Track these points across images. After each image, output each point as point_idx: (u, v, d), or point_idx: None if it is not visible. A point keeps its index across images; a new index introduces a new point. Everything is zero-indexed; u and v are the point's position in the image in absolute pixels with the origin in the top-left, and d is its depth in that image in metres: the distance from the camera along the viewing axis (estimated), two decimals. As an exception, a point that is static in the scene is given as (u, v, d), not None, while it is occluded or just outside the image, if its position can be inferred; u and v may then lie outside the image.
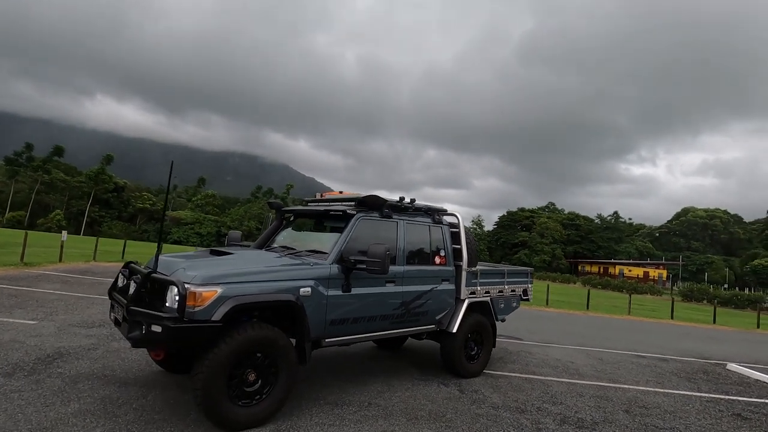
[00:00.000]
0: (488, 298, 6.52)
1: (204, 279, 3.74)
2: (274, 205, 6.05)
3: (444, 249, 6.00)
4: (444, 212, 6.23)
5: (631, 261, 70.27)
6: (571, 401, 5.59)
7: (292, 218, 6.12)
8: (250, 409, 3.88)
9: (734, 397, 6.56)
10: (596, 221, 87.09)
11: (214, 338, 3.68)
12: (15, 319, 6.85)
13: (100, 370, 4.96)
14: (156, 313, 3.62)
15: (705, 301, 32.76)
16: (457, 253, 6.17)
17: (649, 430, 4.83)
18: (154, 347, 3.94)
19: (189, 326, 3.56)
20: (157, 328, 3.56)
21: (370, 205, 5.17)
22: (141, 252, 25.53)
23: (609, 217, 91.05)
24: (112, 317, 4.32)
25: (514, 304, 7.22)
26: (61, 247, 15.61)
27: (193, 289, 3.62)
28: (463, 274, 6.08)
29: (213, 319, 3.66)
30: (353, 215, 4.97)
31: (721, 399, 6.40)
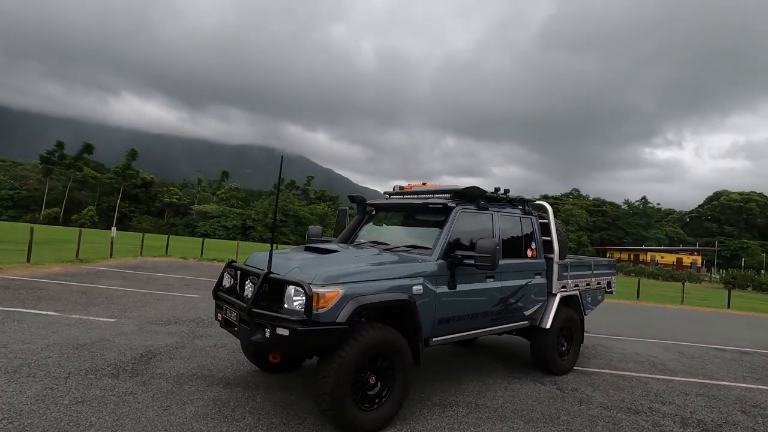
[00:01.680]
0: (577, 292, 6.22)
1: (326, 279, 3.57)
2: (357, 199, 5.84)
3: (535, 241, 5.71)
4: (532, 202, 5.92)
5: (662, 247, 68.26)
6: (680, 400, 5.28)
7: (374, 212, 5.91)
8: (372, 413, 3.72)
9: None
10: (623, 207, 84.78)
11: (339, 341, 3.51)
12: (94, 317, 6.89)
13: (197, 370, 4.89)
14: (283, 315, 3.47)
15: (750, 288, 31.51)
16: (547, 245, 5.87)
17: (780, 433, 4.50)
18: (279, 350, 3.80)
19: (317, 329, 3.39)
20: (283, 331, 3.41)
21: (469, 196, 4.91)
22: (184, 247, 25.96)
23: (637, 203, 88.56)
24: (219, 318, 4.20)
25: (600, 297, 6.90)
26: (111, 243, 15.90)
27: (316, 289, 3.45)
28: (555, 267, 5.79)
29: (338, 320, 3.49)
30: (453, 208, 4.73)
31: (835, 397, 5.97)
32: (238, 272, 4.21)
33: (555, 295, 5.79)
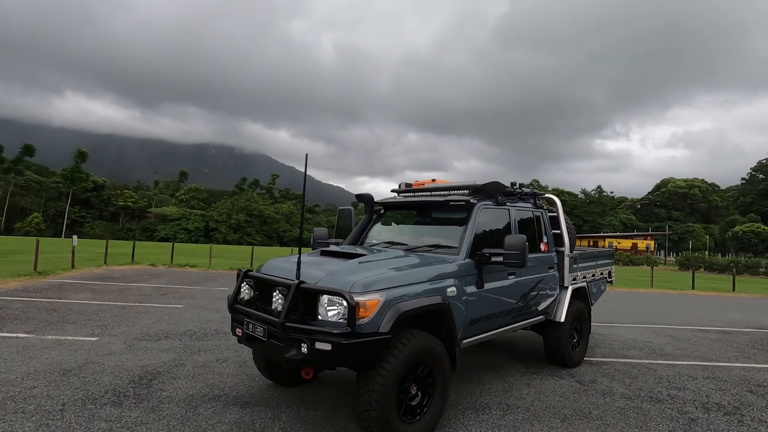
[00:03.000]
0: (585, 284, 6.26)
1: (364, 286, 3.31)
2: (365, 198, 5.57)
3: (546, 235, 5.66)
4: (542, 195, 5.87)
5: (618, 234, 71.83)
6: (692, 385, 5.40)
7: (382, 211, 5.67)
8: (415, 425, 3.51)
9: (830, 368, 6.51)
10: (580, 196, 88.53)
11: (382, 352, 3.27)
12: (73, 336, 6.25)
13: (207, 389, 4.49)
14: (324, 329, 3.18)
15: (702, 269, 33.68)
16: (557, 239, 5.85)
17: (792, 411, 4.68)
18: (318, 366, 3.50)
19: (361, 341, 3.13)
20: (324, 346, 3.13)
21: (489, 192, 4.77)
22: (150, 253, 24.51)
23: (593, 192, 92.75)
24: (238, 333, 3.83)
25: (603, 287, 6.99)
26: (73, 252, 14.71)
27: (357, 298, 3.19)
28: (566, 260, 5.77)
29: (381, 330, 3.24)
30: (475, 204, 4.57)
31: (822, 370, 6.34)
32: (259, 283, 3.86)
33: (567, 288, 5.78)
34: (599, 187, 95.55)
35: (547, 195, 5.95)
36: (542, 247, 5.55)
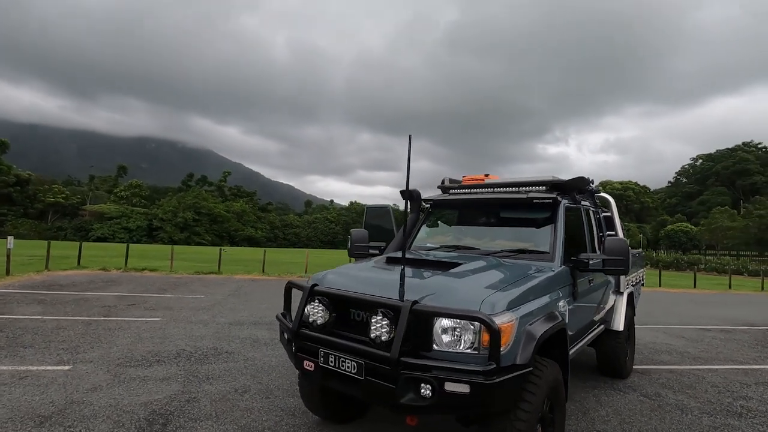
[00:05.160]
0: (633, 288, 5.90)
1: (495, 305, 2.58)
2: (414, 194, 4.80)
3: (604, 236, 5.20)
4: (598, 193, 5.41)
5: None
6: (752, 393, 5.17)
7: (430, 209, 4.93)
8: (542, 474, 2.84)
9: None
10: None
11: (521, 391, 2.57)
12: (36, 365, 4.96)
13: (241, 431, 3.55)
14: (458, 366, 2.41)
15: (649, 266, 35.81)
16: (610, 240, 5.41)
17: None
18: (445, 413, 2.70)
19: (506, 379, 2.40)
20: (459, 388, 2.36)
21: (573, 188, 4.18)
22: (96, 255, 21.88)
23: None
24: (309, 367, 2.95)
25: (639, 292, 6.70)
26: (8, 256, 12.53)
27: (498, 322, 2.45)
28: (622, 263, 5.35)
29: (519, 363, 2.54)
30: (560, 202, 3.97)
31: None
32: (336, 302, 2.99)
33: (623, 293, 5.37)
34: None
35: (602, 194, 5.51)
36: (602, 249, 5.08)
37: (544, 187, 4.18)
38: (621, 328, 5.18)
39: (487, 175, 5.04)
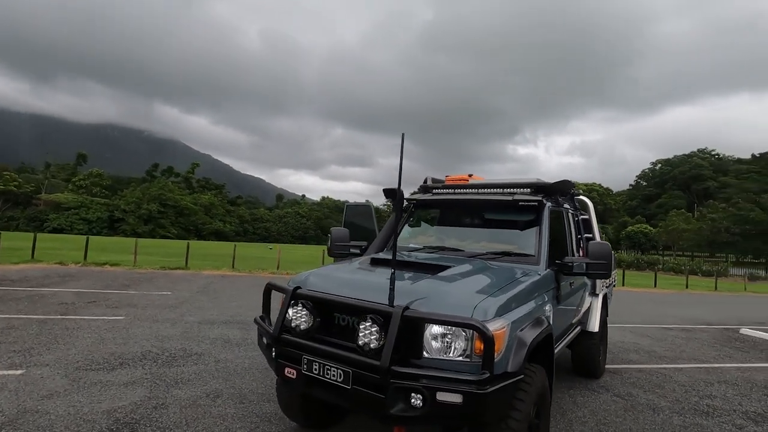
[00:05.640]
0: (607, 290, 6.02)
1: (487, 311, 2.51)
2: (398, 194, 4.68)
3: (582, 239, 5.28)
4: (578, 196, 5.48)
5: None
6: (717, 392, 5.37)
7: (413, 209, 4.84)
8: (528, 481, 2.80)
9: (799, 364, 7.05)
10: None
11: (513, 400, 2.51)
12: (-16, 370, 4.56)
13: (216, 443, 3.35)
14: (449, 374, 2.32)
15: (611, 265, 37.29)
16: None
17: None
18: (434, 424, 2.59)
19: (499, 388, 2.34)
20: (451, 398, 2.28)
21: (557, 191, 4.19)
22: (52, 248, 20.59)
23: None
24: (290, 374, 2.79)
25: (611, 294, 6.86)
26: (-48, 248, 11.60)
27: (490, 327, 2.38)
28: (599, 266, 5.44)
29: (510, 370, 2.48)
30: (546, 205, 3.96)
31: (797, 368, 6.82)
32: (321, 306, 2.84)
33: (598, 295, 5.46)
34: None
35: (581, 197, 5.58)
36: (581, 252, 5.15)
37: (528, 190, 4.16)
38: (596, 329, 5.27)
39: (470, 176, 4.99)
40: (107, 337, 6.10)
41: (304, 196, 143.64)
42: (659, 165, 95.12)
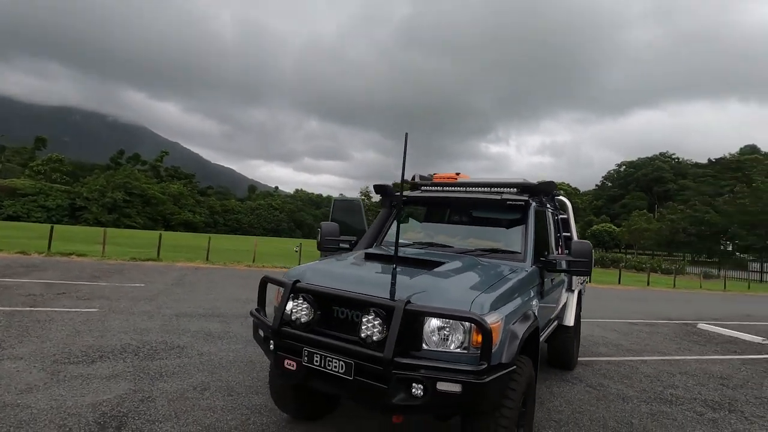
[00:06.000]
0: (582, 286, 6.31)
1: (483, 305, 2.64)
2: (388, 191, 4.77)
3: (561, 238, 5.52)
4: (558, 196, 5.71)
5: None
6: (679, 382, 5.76)
7: (402, 205, 4.92)
8: (516, 466, 2.97)
9: (750, 356, 7.62)
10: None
11: (506, 389, 2.66)
12: (-46, 363, 4.36)
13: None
14: (450, 365, 2.43)
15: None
16: (566, 241, 5.76)
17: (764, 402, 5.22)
18: (434, 412, 2.69)
19: (495, 378, 2.47)
20: (451, 387, 2.39)
21: (542, 192, 4.37)
22: (12, 236, 19.48)
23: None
24: (289, 366, 2.84)
25: (584, 290, 7.18)
26: None
27: (489, 320, 2.51)
28: (575, 263, 5.70)
29: (504, 361, 2.62)
30: (531, 204, 4.14)
31: (749, 359, 7.37)
32: (320, 299, 2.89)
33: (574, 291, 5.73)
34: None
35: (560, 198, 5.82)
36: (559, 251, 5.39)
37: (515, 189, 4.32)
38: (572, 323, 5.54)
39: (458, 174, 5.12)
40: (82, 329, 5.92)
41: (277, 188, 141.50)
42: (624, 167, 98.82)
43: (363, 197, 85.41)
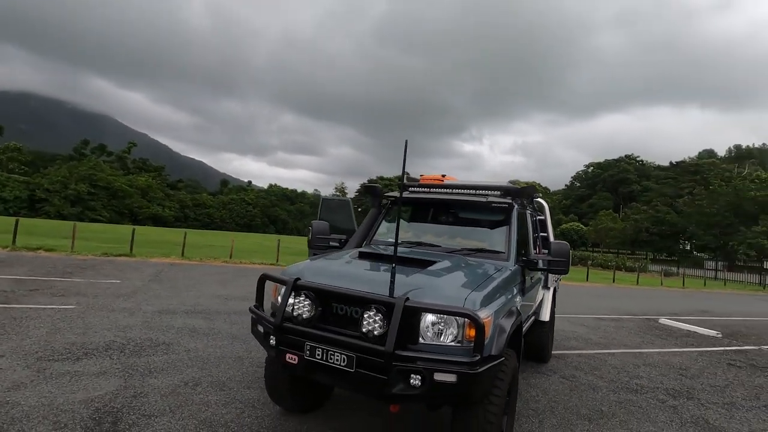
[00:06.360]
0: (555, 284, 6.66)
1: (475, 301, 2.85)
2: (377, 191, 4.93)
3: (539, 238, 5.83)
4: (536, 199, 6.01)
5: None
6: (643, 373, 6.20)
7: (389, 205, 5.10)
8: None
9: (706, 349, 8.22)
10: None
11: (495, 380, 2.88)
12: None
13: (208, 430, 3.45)
14: (446, 357, 2.62)
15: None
16: (543, 241, 6.08)
17: (726, 393, 5.70)
18: (429, 402, 2.86)
19: (486, 369, 2.68)
20: (447, 377, 2.59)
21: (524, 195, 4.63)
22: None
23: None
24: (291, 360, 2.97)
25: (558, 287, 7.56)
26: None
27: (483, 316, 2.72)
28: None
29: (494, 354, 2.84)
30: (514, 206, 4.39)
31: (705, 351, 7.95)
32: (321, 296, 3.03)
33: (550, 288, 6.06)
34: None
35: (538, 199, 6.12)
36: (536, 250, 5.70)
37: (498, 192, 4.57)
38: (547, 318, 5.87)
39: (444, 176, 5.34)
40: (62, 326, 5.82)
41: (250, 182, 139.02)
42: (591, 168, 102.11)
43: (338, 193, 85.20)
